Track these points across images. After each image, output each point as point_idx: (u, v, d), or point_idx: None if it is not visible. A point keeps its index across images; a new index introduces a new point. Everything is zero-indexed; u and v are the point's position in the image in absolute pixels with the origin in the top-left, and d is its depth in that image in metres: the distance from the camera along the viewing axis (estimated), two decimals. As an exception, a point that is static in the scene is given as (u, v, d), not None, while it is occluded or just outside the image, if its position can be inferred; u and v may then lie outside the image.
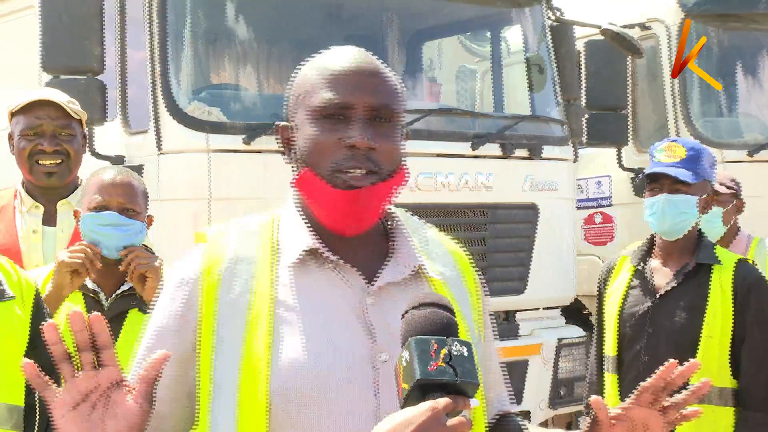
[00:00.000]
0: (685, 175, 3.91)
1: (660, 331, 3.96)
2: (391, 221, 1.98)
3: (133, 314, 3.39)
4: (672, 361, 1.86)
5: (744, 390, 3.86)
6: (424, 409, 1.56)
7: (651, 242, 4.12)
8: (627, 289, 4.07)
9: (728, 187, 5.18)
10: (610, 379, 4.05)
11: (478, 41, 7.68)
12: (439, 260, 1.97)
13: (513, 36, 7.35)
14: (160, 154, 5.73)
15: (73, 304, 3.33)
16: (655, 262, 4.06)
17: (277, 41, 6.64)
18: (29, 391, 2.54)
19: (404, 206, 2.05)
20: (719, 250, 4.01)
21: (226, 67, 6.44)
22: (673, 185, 3.94)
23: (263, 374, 1.78)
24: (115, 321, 3.35)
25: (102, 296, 3.42)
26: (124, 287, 3.44)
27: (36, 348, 2.57)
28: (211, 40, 6.34)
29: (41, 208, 4.04)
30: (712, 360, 3.85)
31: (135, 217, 3.39)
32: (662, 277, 4.02)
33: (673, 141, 4.00)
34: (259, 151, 5.66)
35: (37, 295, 2.68)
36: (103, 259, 3.38)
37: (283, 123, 1.95)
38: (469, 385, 1.60)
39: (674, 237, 3.99)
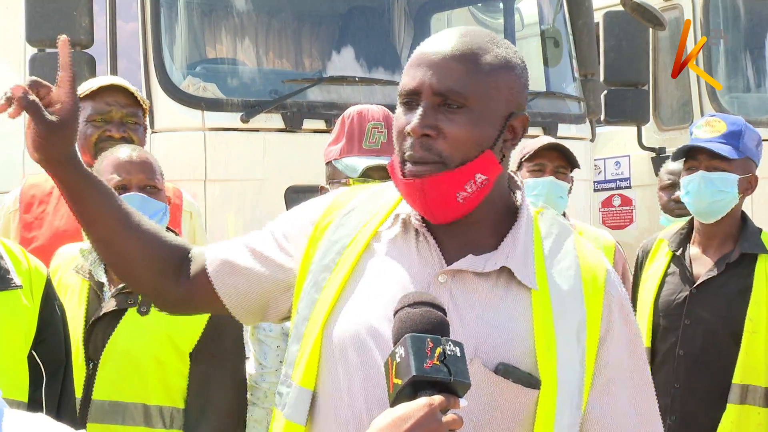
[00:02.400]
0: (723, 149, 3.70)
1: (697, 324, 3.74)
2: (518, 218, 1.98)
3: (131, 313, 3.32)
4: None
5: None
6: (421, 404, 1.62)
7: (691, 225, 3.90)
8: (663, 276, 3.85)
9: None
10: None
11: (489, 13, 7.62)
12: (557, 271, 1.92)
13: (527, 7, 7.26)
14: (153, 132, 5.63)
15: (78, 293, 3.34)
16: (694, 249, 3.85)
17: (277, 13, 6.59)
18: (35, 387, 2.59)
19: None
20: (766, 237, 3.71)
21: (223, 40, 6.38)
22: (711, 162, 3.73)
23: (324, 315, 1.93)
24: (111, 317, 3.33)
25: (106, 289, 3.36)
26: None
27: (43, 341, 2.63)
28: (207, 11, 6.29)
29: None
30: (759, 357, 3.64)
31: (156, 194, 3.40)
32: (702, 264, 3.81)
33: (713, 116, 3.83)
34: (257, 130, 5.57)
35: (48, 284, 2.68)
36: None
37: None
38: (460, 384, 1.66)
39: (711, 219, 3.77)
